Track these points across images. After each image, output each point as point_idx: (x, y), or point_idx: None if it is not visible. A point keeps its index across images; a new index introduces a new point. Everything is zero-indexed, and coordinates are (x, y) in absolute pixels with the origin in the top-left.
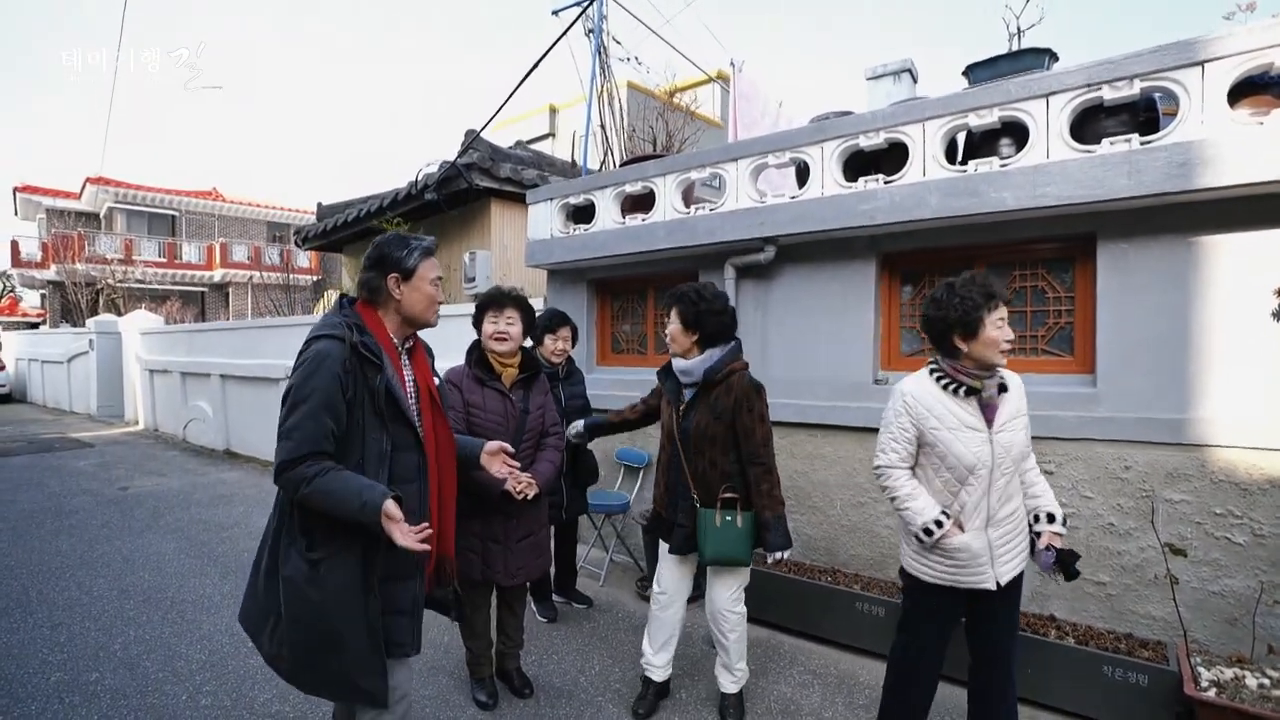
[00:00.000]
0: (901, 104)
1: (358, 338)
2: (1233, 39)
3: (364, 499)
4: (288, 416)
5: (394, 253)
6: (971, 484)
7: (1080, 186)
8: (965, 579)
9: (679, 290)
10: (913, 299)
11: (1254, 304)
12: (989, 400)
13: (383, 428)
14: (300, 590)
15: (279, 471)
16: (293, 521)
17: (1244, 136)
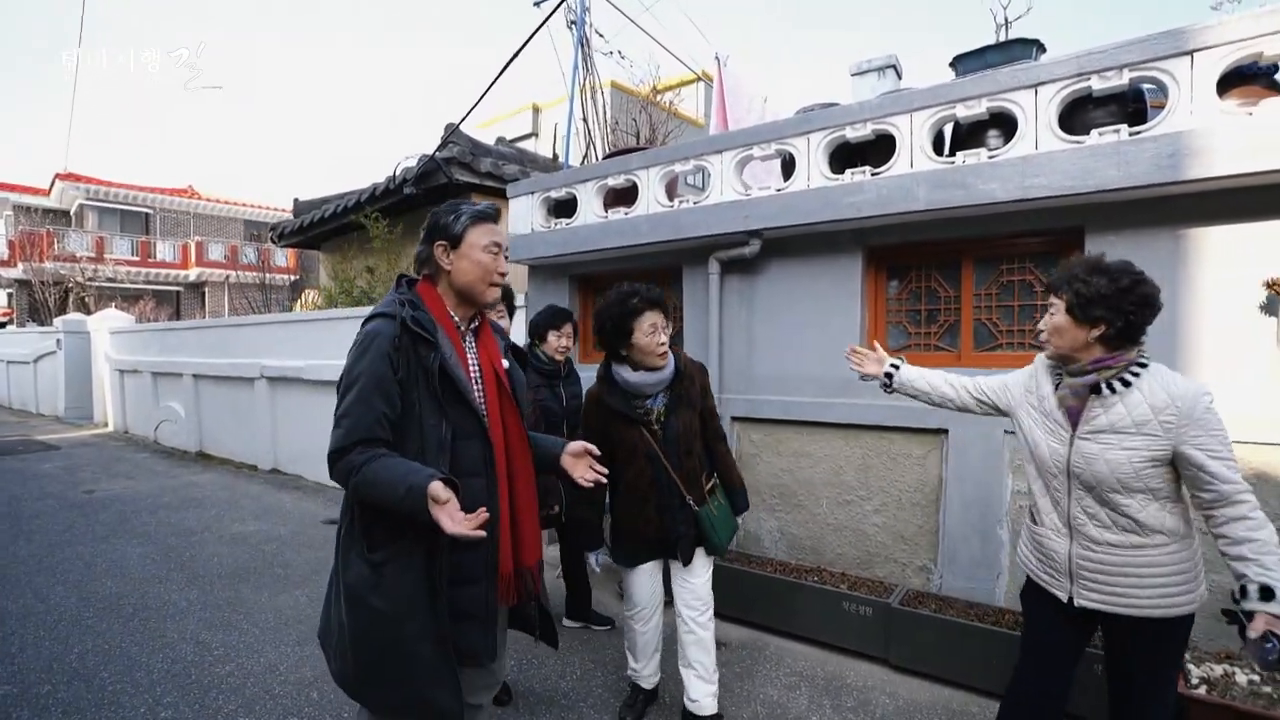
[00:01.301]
0: (889, 95)
1: (409, 314)
2: (1221, 28)
3: (409, 483)
4: (340, 403)
5: (442, 219)
6: (1046, 478)
7: (1069, 178)
8: (1041, 576)
9: (657, 294)
10: (899, 293)
11: (1242, 296)
12: (1063, 400)
13: (441, 412)
14: (363, 597)
15: (331, 462)
16: (353, 522)
17: (1233, 127)
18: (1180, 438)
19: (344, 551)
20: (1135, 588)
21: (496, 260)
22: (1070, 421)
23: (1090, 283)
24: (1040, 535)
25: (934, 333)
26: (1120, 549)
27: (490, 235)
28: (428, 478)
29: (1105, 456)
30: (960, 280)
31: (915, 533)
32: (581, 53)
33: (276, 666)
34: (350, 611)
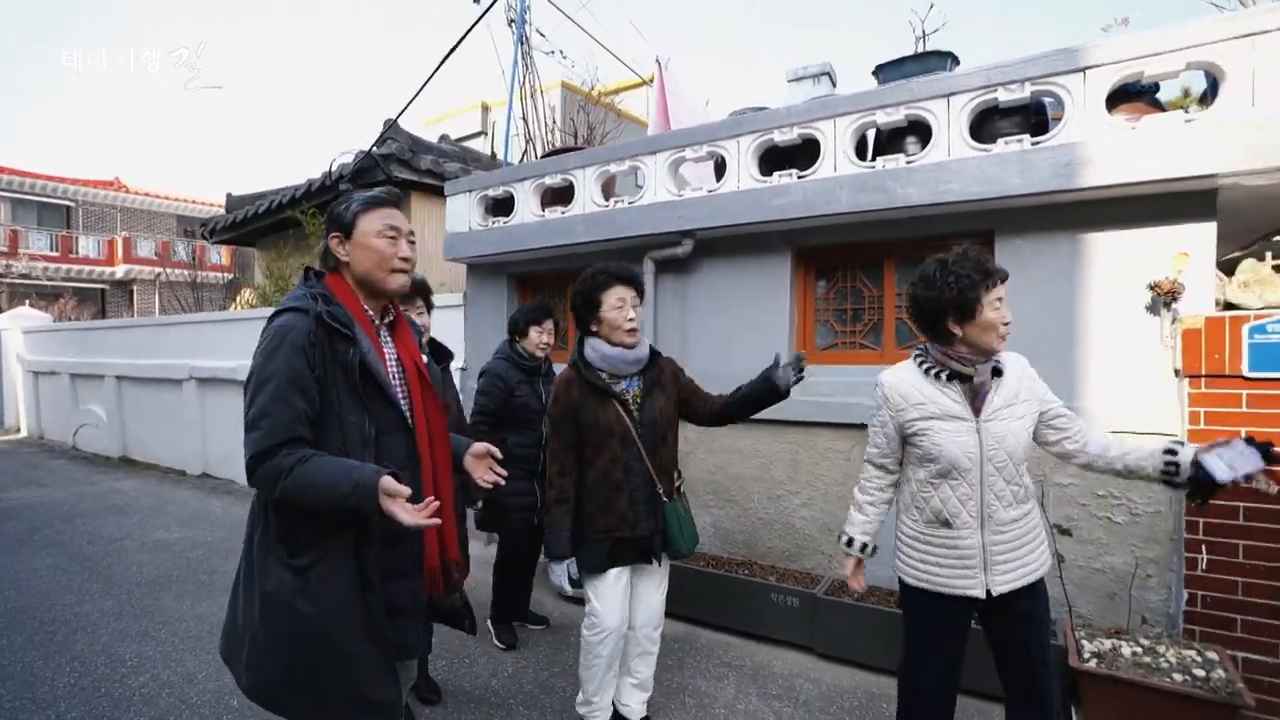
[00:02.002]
0: (815, 100)
1: (323, 308)
2: (1108, 49)
3: (355, 479)
4: (251, 404)
5: (334, 210)
6: (955, 479)
7: (978, 184)
8: (950, 582)
9: (628, 271)
10: (827, 293)
11: (1131, 297)
12: (980, 386)
13: (362, 408)
14: (288, 605)
15: (250, 468)
16: (269, 528)
17: (1120, 139)
18: (1037, 395)
19: (259, 560)
20: (1031, 553)
21: (395, 245)
22: (974, 411)
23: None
24: (951, 539)
25: (859, 331)
26: (1018, 522)
27: (384, 219)
28: (374, 473)
29: (1010, 430)
30: (883, 280)
31: (840, 525)
32: (521, 52)
33: (195, 676)
34: (271, 620)
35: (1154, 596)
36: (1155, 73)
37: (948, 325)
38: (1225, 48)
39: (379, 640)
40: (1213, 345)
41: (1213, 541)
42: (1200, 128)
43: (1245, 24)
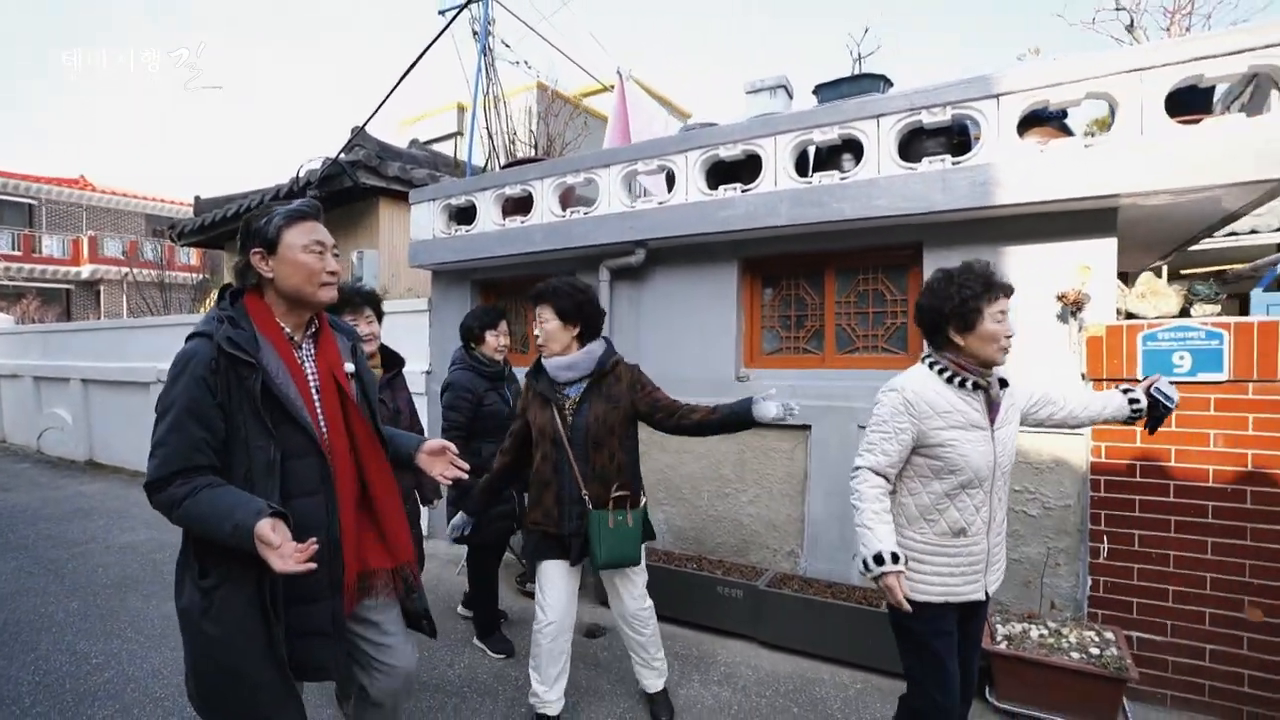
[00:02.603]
0: (757, 118)
1: (226, 333)
2: (1019, 77)
3: (235, 520)
4: (155, 429)
5: (253, 224)
6: (974, 488)
7: (905, 200)
8: (959, 590)
9: (550, 285)
10: (772, 300)
11: (1044, 307)
12: (996, 398)
13: (267, 433)
14: (196, 625)
15: (149, 494)
16: (187, 544)
17: (1030, 162)
18: (1017, 394)
19: (178, 575)
20: (1003, 554)
21: (322, 259)
22: (990, 420)
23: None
24: (966, 547)
25: (802, 336)
26: (1005, 522)
27: (309, 234)
28: (254, 515)
29: (1011, 436)
30: (824, 288)
31: (785, 521)
32: (484, 62)
33: (160, 671)
34: (186, 637)
35: (1064, 583)
36: (1059, 100)
37: (949, 335)
38: (1118, 80)
39: (280, 668)
40: (1112, 351)
41: (1113, 532)
42: (1098, 153)
43: (1134, 59)
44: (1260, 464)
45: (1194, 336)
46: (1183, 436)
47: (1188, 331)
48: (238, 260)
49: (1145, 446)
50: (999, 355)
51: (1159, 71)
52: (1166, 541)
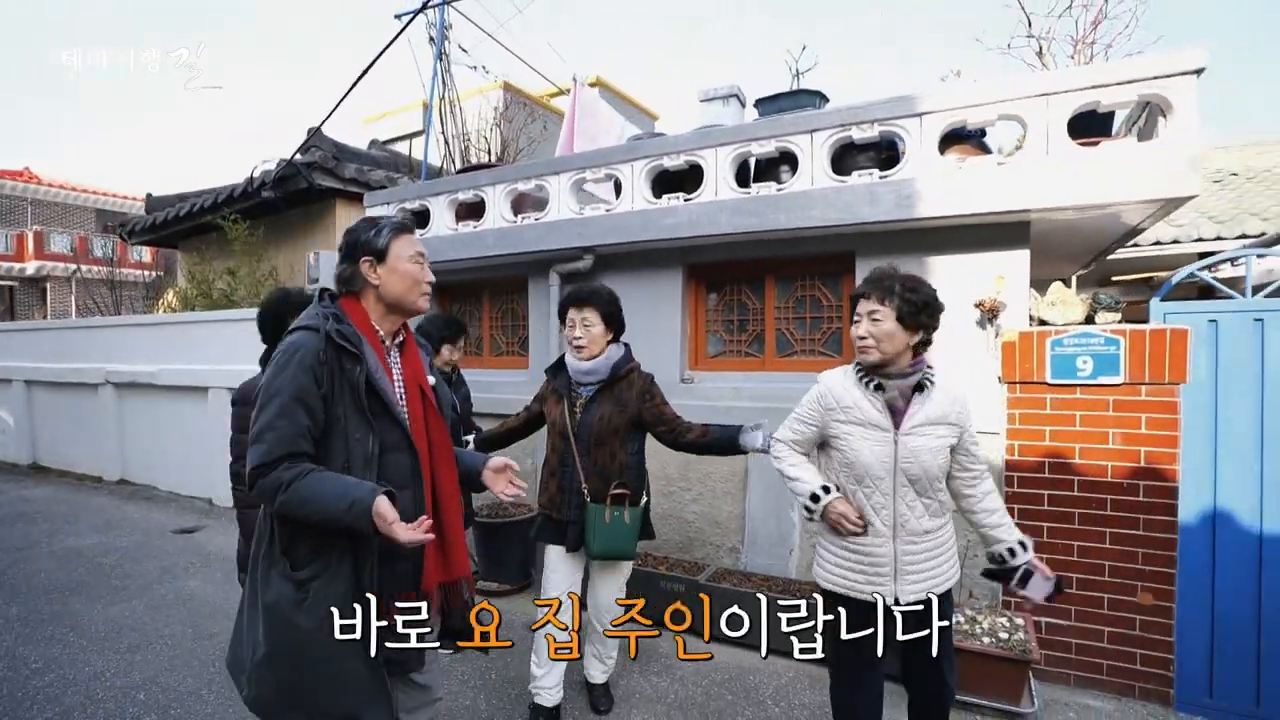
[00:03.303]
0: (699, 130)
1: (334, 326)
2: (940, 97)
3: (352, 498)
4: (258, 417)
5: (363, 235)
6: (870, 484)
7: (836, 211)
8: (862, 588)
9: (594, 289)
10: (716, 305)
11: (965, 314)
12: (892, 401)
13: (367, 426)
14: (287, 618)
15: (253, 479)
16: (273, 540)
17: (949, 177)
18: (963, 426)
19: (263, 572)
20: (942, 564)
21: (423, 269)
22: (894, 422)
23: (918, 292)
24: (866, 546)
25: (744, 340)
26: (932, 534)
27: (413, 246)
28: (370, 492)
29: (928, 447)
30: (764, 295)
31: (726, 518)
32: (440, 68)
33: (103, 674)
34: (273, 633)
35: None
36: (976, 120)
37: None
38: (1026, 103)
39: (374, 662)
40: (1024, 356)
41: (1024, 525)
42: (1010, 170)
43: (1041, 84)
44: (1151, 460)
45: (1095, 342)
46: (1086, 435)
47: (1089, 338)
48: (343, 268)
49: (1053, 445)
50: (858, 355)
51: (1062, 97)
52: (1071, 533)
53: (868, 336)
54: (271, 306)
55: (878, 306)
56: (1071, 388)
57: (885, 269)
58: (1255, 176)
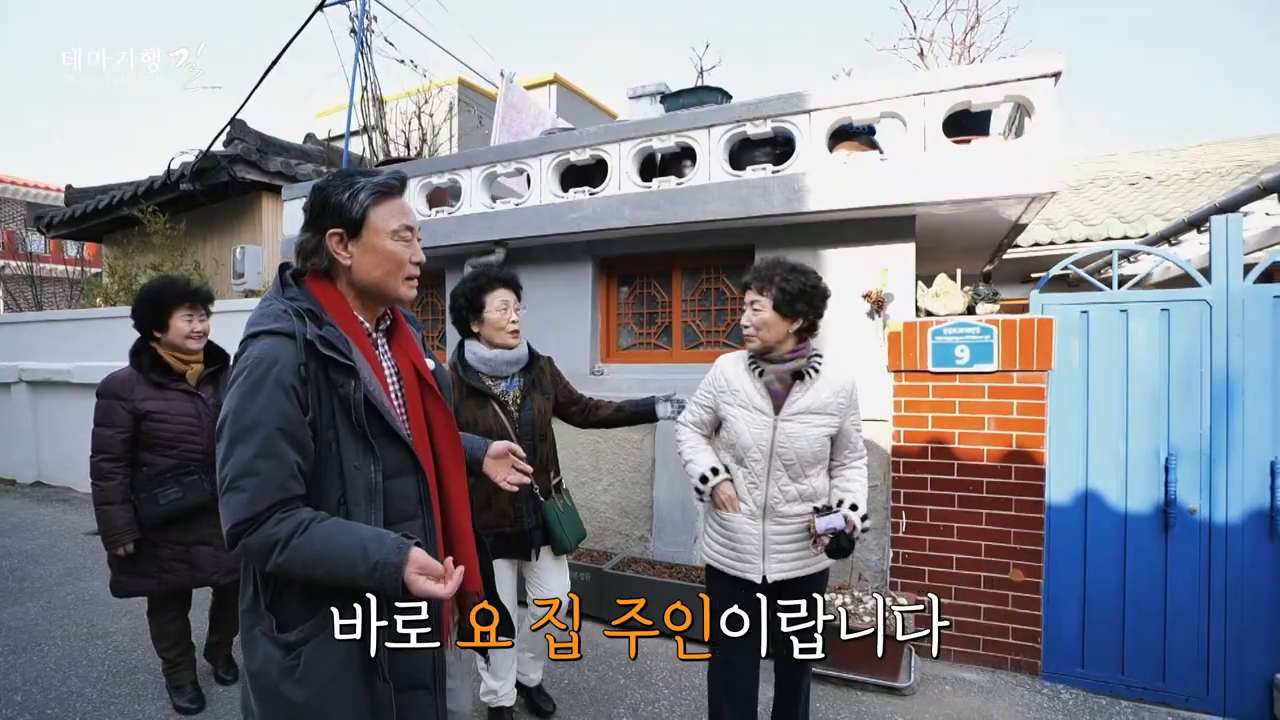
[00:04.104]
0: (603, 126)
1: (314, 331)
2: (827, 94)
3: (375, 558)
4: (229, 456)
5: (333, 196)
6: (748, 465)
7: (732, 204)
8: (734, 565)
9: (508, 274)
10: (628, 298)
11: (857, 305)
12: (770, 385)
13: (368, 451)
14: (275, 688)
15: (234, 537)
16: (258, 591)
17: (837, 172)
18: (845, 415)
19: (245, 630)
20: (810, 548)
21: (410, 247)
22: (774, 407)
23: (792, 280)
24: (734, 523)
25: (653, 333)
26: (802, 518)
27: (399, 217)
28: (397, 549)
29: (805, 434)
30: (672, 287)
31: (636, 507)
32: (363, 62)
33: None
34: (262, 705)
35: (873, 556)
36: (860, 117)
37: None
38: (905, 102)
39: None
40: (908, 346)
41: (910, 508)
42: (890, 166)
43: (917, 84)
44: (1022, 444)
45: (971, 332)
46: (964, 421)
47: (966, 328)
48: (305, 237)
49: (935, 430)
50: (745, 343)
51: (937, 96)
52: (951, 515)
53: (749, 325)
54: (151, 296)
55: (757, 296)
56: (951, 375)
57: (771, 260)
58: (1166, 180)
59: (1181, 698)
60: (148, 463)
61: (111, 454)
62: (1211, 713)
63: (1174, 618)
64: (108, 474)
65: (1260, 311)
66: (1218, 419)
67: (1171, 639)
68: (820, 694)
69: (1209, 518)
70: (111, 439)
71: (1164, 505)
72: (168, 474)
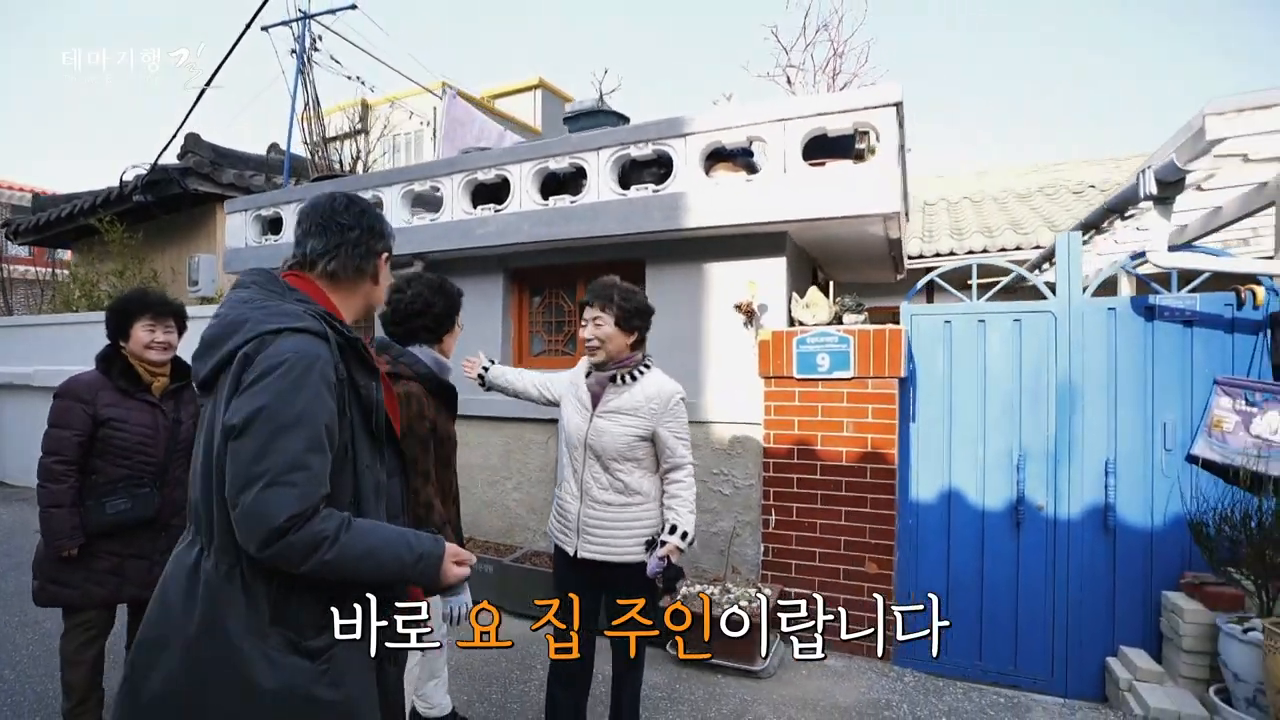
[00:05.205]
0: (507, 148)
1: (346, 333)
2: (701, 120)
3: (418, 550)
4: (269, 448)
5: (379, 225)
6: (570, 452)
7: (619, 222)
8: (560, 536)
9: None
10: (540, 307)
11: (735, 316)
12: (591, 386)
13: (378, 451)
14: (306, 696)
15: (279, 533)
16: (255, 610)
17: (710, 192)
18: (658, 422)
19: (247, 654)
20: (623, 538)
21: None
22: (593, 404)
23: (630, 299)
24: (561, 499)
25: (561, 340)
26: (613, 507)
27: None
28: (434, 542)
29: (611, 431)
30: (575, 297)
31: (542, 504)
32: (302, 80)
33: None
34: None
35: (749, 551)
36: (731, 141)
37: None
38: (767, 128)
39: (394, 714)
40: (776, 354)
41: (779, 506)
42: (756, 187)
43: (778, 110)
44: (877, 445)
45: (830, 341)
46: (826, 424)
47: (826, 337)
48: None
49: (801, 434)
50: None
51: (795, 122)
52: (815, 512)
53: (594, 339)
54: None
55: (600, 313)
56: (814, 381)
57: (607, 281)
58: (1108, 189)
59: (1030, 680)
60: (99, 470)
61: (64, 456)
62: (1055, 694)
63: (1024, 607)
64: (59, 476)
65: (1097, 323)
66: (1062, 422)
67: (1022, 626)
68: (681, 676)
69: (1055, 514)
70: (66, 441)
71: (1016, 502)
72: (119, 483)
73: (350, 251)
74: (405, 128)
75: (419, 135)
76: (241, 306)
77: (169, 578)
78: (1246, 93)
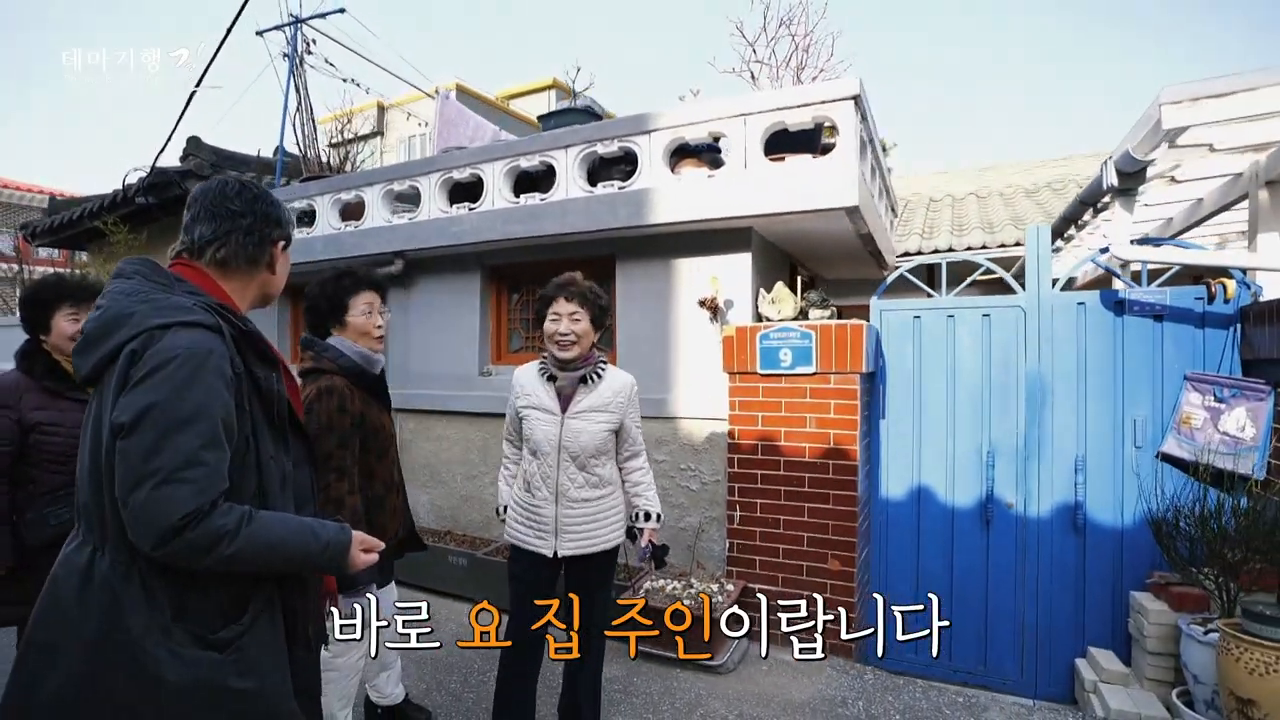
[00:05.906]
0: (481, 147)
1: (240, 325)
2: (664, 116)
3: (324, 539)
4: (161, 445)
5: (274, 211)
6: (540, 458)
7: (587, 219)
8: (531, 541)
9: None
10: (518, 303)
11: (699, 311)
12: (562, 388)
13: (282, 442)
14: (220, 688)
15: (175, 531)
16: (153, 608)
17: (673, 188)
18: (625, 413)
19: (151, 652)
20: (600, 528)
21: None
22: (561, 407)
23: (600, 298)
24: (533, 505)
25: (537, 336)
26: (591, 502)
27: None
28: (338, 530)
29: (588, 430)
30: None
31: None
32: (293, 83)
33: None
34: (202, 714)
35: (715, 546)
36: (694, 137)
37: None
38: (729, 123)
39: (314, 700)
40: (740, 349)
41: (743, 501)
42: (718, 183)
43: (738, 106)
44: (839, 441)
45: (793, 336)
46: (789, 420)
47: (788, 333)
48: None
49: (764, 429)
50: (558, 350)
51: (756, 117)
52: (779, 508)
53: (570, 333)
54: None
55: (578, 309)
56: (778, 377)
57: (570, 276)
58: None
59: (999, 680)
60: (35, 479)
61: None
62: (1024, 695)
63: (994, 606)
64: None
65: (1066, 318)
66: (1032, 419)
67: (991, 626)
68: (640, 671)
69: (1024, 511)
70: None
71: (985, 500)
72: (60, 492)
73: (242, 239)
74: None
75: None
76: (124, 299)
77: (59, 580)
78: (1202, 80)
